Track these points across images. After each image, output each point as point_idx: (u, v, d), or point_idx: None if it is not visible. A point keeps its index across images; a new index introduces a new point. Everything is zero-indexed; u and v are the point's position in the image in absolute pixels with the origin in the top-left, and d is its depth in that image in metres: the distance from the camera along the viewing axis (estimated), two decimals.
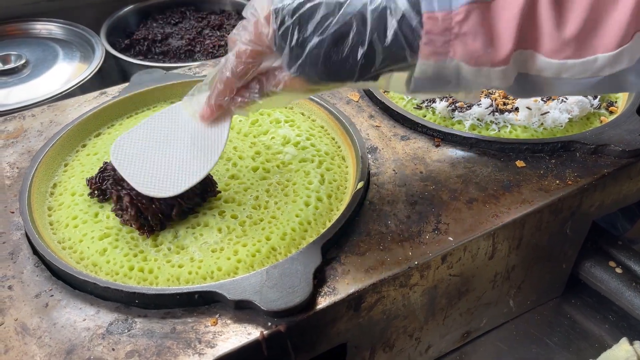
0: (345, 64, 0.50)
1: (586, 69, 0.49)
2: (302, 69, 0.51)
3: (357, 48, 0.49)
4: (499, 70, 0.49)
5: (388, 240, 0.61)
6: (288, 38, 0.50)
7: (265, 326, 0.53)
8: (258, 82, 0.55)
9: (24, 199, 0.65)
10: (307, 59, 0.50)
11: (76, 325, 0.54)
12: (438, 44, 0.48)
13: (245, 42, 0.53)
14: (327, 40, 0.49)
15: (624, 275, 0.80)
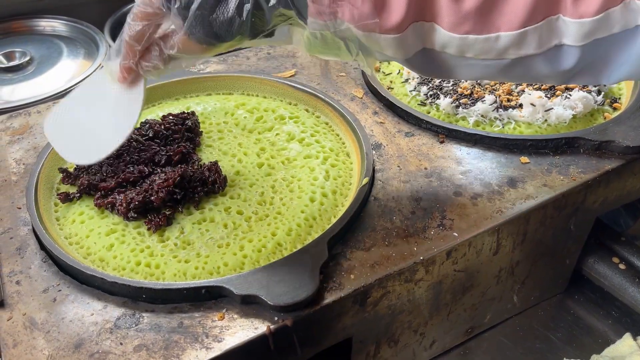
0: (232, 23, 0.48)
1: (490, 48, 0.47)
2: (191, 31, 0.49)
3: (243, 6, 0.47)
4: (390, 38, 0.47)
5: (393, 236, 0.62)
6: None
7: (272, 321, 0.53)
8: (157, 46, 0.54)
9: (30, 195, 0.66)
10: (193, 21, 0.49)
11: (84, 320, 0.54)
12: (325, 3, 0.46)
13: (138, 4, 0.52)
14: (208, 2, 0.47)
15: (627, 271, 0.80)
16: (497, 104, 0.79)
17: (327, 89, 0.85)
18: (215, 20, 0.48)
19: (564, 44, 0.46)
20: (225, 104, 0.83)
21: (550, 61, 0.48)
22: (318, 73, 0.89)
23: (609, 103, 0.82)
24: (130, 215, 0.63)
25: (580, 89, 0.80)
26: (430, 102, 0.82)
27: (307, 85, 0.83)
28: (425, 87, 0.84)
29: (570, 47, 0.46)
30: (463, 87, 0.82)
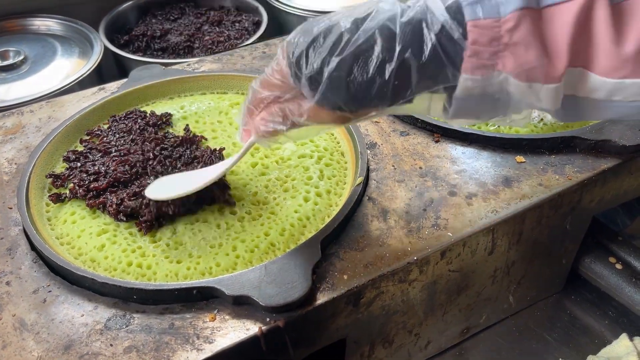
0: (371, 86, 0.43)
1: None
2: (324, 97, 0.45)
3: (385, 66, 0.43)
4: (552, 88, 0.43)
5: (387, 236, 0.61)
6: (303, 64, 0.45)
7: (264, 322, 0.53)
8: (280, 110, 0.50)
9: (22, 195, 0.65)
10: (327, 85, 0.44)
11: (74, 321, 0.54)
12: (485, 56, 0.42)
13: (266, 72, 0.50)
14: (347, 60, 0.43)
15: (624, 271, 0.80)
16: None
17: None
18: (352, 83, 0.44)
19: None
20: (219, 104, 0.82)
21: None
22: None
23: None
24: (119, 218, 0.62)
25: None
26: None
27: None
28: None
29: None
30: None
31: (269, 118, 0.50)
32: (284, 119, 0.50)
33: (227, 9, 1.36)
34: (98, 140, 0.75)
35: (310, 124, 0.49)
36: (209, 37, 1.22)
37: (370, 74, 0.43)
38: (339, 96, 0.45)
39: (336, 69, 0.43)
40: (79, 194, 0.65)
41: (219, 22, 1.29)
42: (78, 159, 0.72)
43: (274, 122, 0.50)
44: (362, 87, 0.44)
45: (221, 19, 1.30)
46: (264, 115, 0.51)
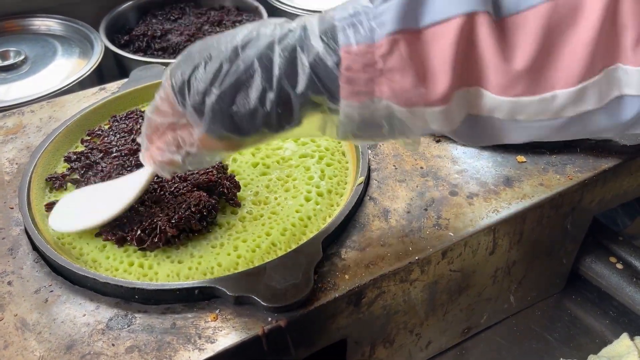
0: (255, 115, 0.43)
1: (544, 109, 0.41)
2: (210, 127, 0.44)
3: (265, 96, 0.42)
4: (436, 111, 0.42)
5: (388, 236, 0.61)
6: (186, 94, 0.44)
7: (266, 321, 0.53)
8: (174, 140, 0.49)
9: (23, 195, 0.65)
10: (210, 116, 0.44)
11: (76, 321, 0.54)
12: (360, 83, 0.41)
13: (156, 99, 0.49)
14: (227, 92, 0.42)
15: (625, 270, 0.80)
16: None
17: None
18: (235, 114, 0.43)
19: (624, 95, 0.41)
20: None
21: (611, 114, 0.42)
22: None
23: None
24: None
25: None
26: None
27: None
28: None
29: (632, 97, 0.41)
30: None
31: (164, 147, 0.50)
32: (178, 148, 0.49)
33: (227, 9, 1.36)
34: (99, 140, 0.75)
35: (203, 152, 0.48)
36: None
37: (252, 105, 0.42)
38: (223, 127, 0.44)
39: (217, 101, 0.43)
40: None
41: (219, 22, 1.29)
42: (79, 159, 0.72)
43: (169, 151, 0.50)
44: (245, 117, 0.43)
45: (221, 19, 1.30)
46: (159, 145, 0.51)
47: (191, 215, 0.61)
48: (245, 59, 0.42)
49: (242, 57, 0.42)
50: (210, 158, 0.50)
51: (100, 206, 0.61)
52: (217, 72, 0.42)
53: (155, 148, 0.52)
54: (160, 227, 0.59)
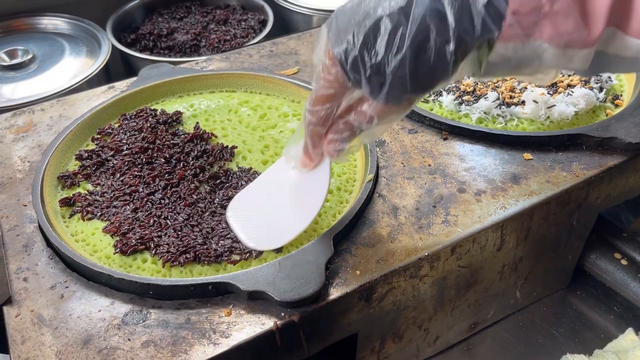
0: (435, 71, 0.44)
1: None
2: (391, 95, 0.45)
3: (444, 49, 0.42)
4: (586, 52, 0.44)
5: (398, 232, 0.62)
6: (360, 68, 0.44)
7: (279, 316, 0.54)
8: (345, 124, 0.50)
9: (36, 192, 0.66)
10: (392, 84, 0.44)
11: (92, 316, 0.55)
12: (525, 25, 0.42)
13: (316, 89, 0.49)
14: (407, 57, 0.43)
15: (629, 267, 0.81)
16: (500, 101, 0.79)
17: None
18: (415, 75, 0.43)
19: None
20: (228, 102, 0.83)
21: None
22: None
23: (610, 100, 0.82)
24: None
25: (583, 86, 0.80)
26: (433, 99, 0.82)
27: (310, 83, 0.83)
28: None
29: None
30: (466, 84, 0.82)
31: (337, 137, 0.51)
32: (352, 132, 0.50)
33: (232, 7, 1.37)
34: (110, 139, 0.76)
35: (379, 124, 0.48)
36: (215, 36, 1.23)
37: (432, 61, 0.43)
38: (404, 90, 0.45)
39: (399, 67, 0.43)
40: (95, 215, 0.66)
41: (225, 21, 1.30)
42: (90, 157, 0.73)
43: (342, 139, 0.50)
44: (426, 75, 0.44)
45: (227, 18, 1.30)
46: (330, 137, 0.51)
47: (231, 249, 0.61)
48: (416, 18, 0.42)
49: (413, 18, 0.42)
50: (385, 128, 0.50)
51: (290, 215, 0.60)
52: (391, 39, 0.43)
53: (327, 143, 0.52)
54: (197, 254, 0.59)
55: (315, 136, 0.52)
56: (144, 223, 0.63)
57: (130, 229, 0.62)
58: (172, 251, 0.59)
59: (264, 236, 0.59)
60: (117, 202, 0.66)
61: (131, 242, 0.61)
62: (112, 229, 0.63)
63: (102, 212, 0.65)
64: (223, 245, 0.60)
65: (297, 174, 0.59)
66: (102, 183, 0.69)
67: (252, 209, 0.61)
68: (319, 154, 0.54)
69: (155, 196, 0.66)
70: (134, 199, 0.66)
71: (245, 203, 0.62)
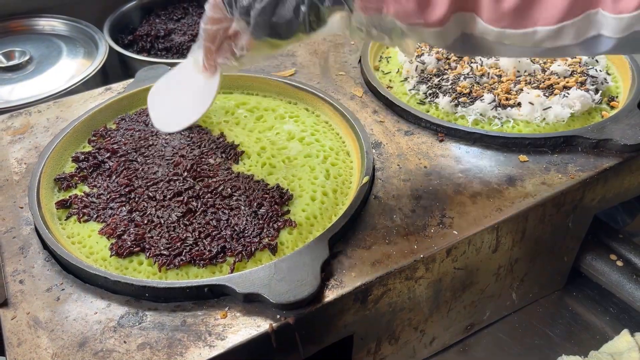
0: (291, 24, 0.53)
1: (526, 40, 0.50)
2: (256, 34, 0.55)
3: (299, 9, 0.52)
4: (432, 31, 0.50)
5: (394, 234, 0.62)
6: (233, 5, 0.55)
7: (274, 319, 0.54)
8: (228, 46, 0.62)
9: (33, 194, 0.66)
10: (254, 25, 0.54)
11: (88, 319, 0.55)
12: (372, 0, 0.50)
13: (207, 9, 0.60)
14: (267, 7, 0.52)
15: (625, 268, 0.81)
16: (496, 103, 0.79)
17: (326, 87, 0.86)
18: (275, 24, 0.53)
19: (601, 35, 0.48)
20: (225, 103, 0.83)
21: (586, 48, 0.50)
22: (318, 72, 0.90)
23: (606, 101, 0.82)
24: None
25: (578, 88, 0.81)
26: (430, 100, 0.82)
27: (306, 85, 0.84)
28: (425, 85, 0.84)
29: (608, 37, 0.48)
30: (462, 85, 0.82)
31: (222, 54, 0.64)
32: (232, 54, 0.62)
33: None
34: (104, 141, 0.76)
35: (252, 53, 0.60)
36: None
37: (288, 16, 0.52)
38: (265, 33, 0.55)
39: (259, 13, 0.53)
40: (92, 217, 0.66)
41: None
42: (87, 159, 0.73)
43: (226, 57, 0.63)
44: (284, 26, 0.53)
45: None
46: (219, 54, 0.64)
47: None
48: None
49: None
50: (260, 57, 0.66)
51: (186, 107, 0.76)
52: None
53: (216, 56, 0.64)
54: (192, 257, 0.60)
55: (207, 50, 0.65)
56: (139, 223, 0.63)
57: (125, 230, 0.63)
58: (166, 254, 0.59)
59: (168, 121, 0.76)
60: (113, 203, 0.66)
61: (126, 245, 0.61)
62: (107, 231, 0.63)
63: (98, 213, 0.65)
64: (216, 245, 0.60)
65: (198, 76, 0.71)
66: (99, 185, 0.69)
67: (164, 95, 0.78)
68: (212, 65, 0.67)
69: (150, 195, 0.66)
70: (130, 200, 0.66)
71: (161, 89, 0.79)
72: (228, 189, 0.67)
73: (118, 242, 0.61)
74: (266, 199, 0.65)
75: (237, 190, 0.67)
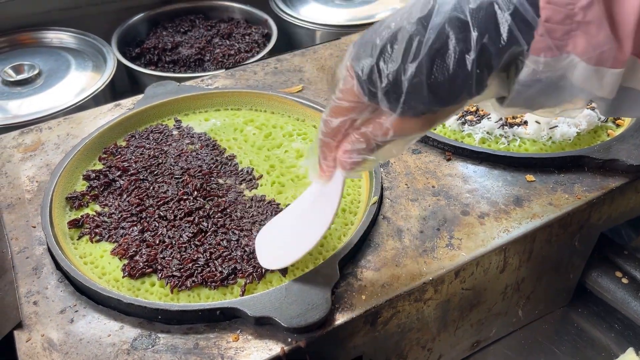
0: (455, 81, 0.42)
1: None
2: (408, 106, 0.44)
3: (464, 57, 0.41)
4: (617, 73, 0.41)
5: (402, 256, 0.63)
6: (376, 80, 0.44)
7: (286, 342, 0.55)
8: (360, 135, 0.48)
9: (45, 213, 0.67)
10: (408, 93, 0.43)
11: (101, 341, 0.55)
12: (557, 35, 0.40)
13: (333, 101, 0.48)
14: (424, 63, 0.42)
15: (630, 285, 0.81)
16: (503, 122, 0.80)
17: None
18: (434, 84, 0.42)
19: None
20: (233, 120, 0.84)
21: None
22: (325, 88, 0.90)
23: (612, 120, 0.83)
24: None
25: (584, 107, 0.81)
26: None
27: (314, 101, 0.84)
28: None
29: None
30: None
31: (351, 147, 0.50)
32: (368, 144, 0.49)
33: (236, 21, 1.38)
34: (116, 159, 0.77)
35: (395, 139, 0.48)
36: (219, 50, 1.24)
37: (451, 69, 0.42)
38: (422, 101, 0.44)
39: (415, 74, 0.42)
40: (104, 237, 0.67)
41: (229, 35, 1.31)
42: (98, 177, 0.73)
43: (357, 151, 0.49)
44: (445, 85, 0.43)
45: (231, 32, 1.31)
46: (345, 147, 0.50)
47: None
48: (435, 26, 0.41)
49: (431, 26, 0.42)
50: (404, 144, 0.50)
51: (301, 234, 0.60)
52: (408, 47, 0.42)
53: (342, 152, 0.51)
54: (204, 278, 0.60)
55: (325, 146, 0.52)
56: (151, 243, 0.64)
57: (137, 251, 0.63)
58: (178, 275, 0.60)
59: (276, 255, 0.60)
60: (125, 223, 0.67)
61: (139, 266, 0.61)
62: (120, 252, 0.63)
63: (110, 233, 0.66)
64: (227, 266, 0.61)
65: (314, 190, 0.59)
66: (110, 204, 0.70)
67: (276, 231, 0.62)
68: (331, 166, 0.54)
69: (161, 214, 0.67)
70: (142, 220, 0.67)
71: (273, 227, 0.63)
72: (238, 209, 0.68)
73: (130, 263, 0.62)
74: None
75: (248, 209, 0.68)
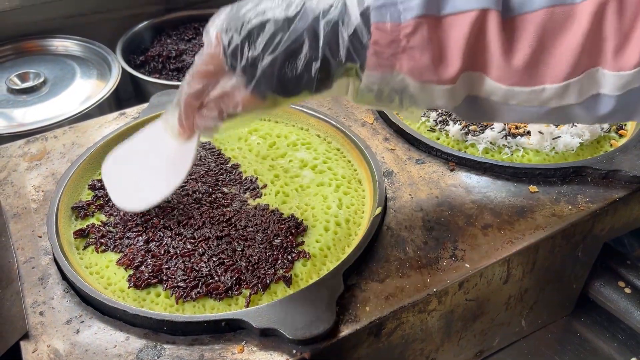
0: (300, 79, 0.49)
1: (533, 98, 0.50)
2: (258, 88, 0.51)
3: (311, 64, 0.49)
4: (444, 89, 0.49)
5: (407, 267, 0.63)
6: (238, 57, 0.50)
7: (290, 353, 0.55)
8: (215, 104, 0.55)
9: (51, 224, 0.67)
10: (261, 78, 0.50)
11: (107, 352, 0.56)
12: (384, 56, 0.48)
13: (199, 62, 0.54)
14: (279, 58, 0.49)
15: (633, 295, 0.82)
16: (506, 132, 0.80)
17: (337, 114, 0.87)
18: (283, 77, 0.49)
19: (601, 94, 0.49)
20: (237, 129, 0.84)
21: (588, 108, 0.51)
22: (328, 97, 0.91)
23: (615, 130, 0.83)
24: None
25: None
26: (440, 128, 0.83)
27: (317, 111, 0.85)
28: (435, 112, 0.85)
29: (607, 96, 0.49)
30: None
31: (207, 114, 0.56)
32: (220, 114, 0.55)
33: None
34: None
35: (242, 113, 0.54)
36: None
37: (299, 70, 0.49)
38: (270, 88, 0.50)
39: (269, 65, 0.49)
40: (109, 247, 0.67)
41: None
42: (103, 186, 0.74)
43: (212, 117, 0.56)
44: (292, 81, 0.50)
45: None
46: (202, 113, 0.56)
47: None
48: (296, 30, 0.48)
49: (293, 29, 0.48)
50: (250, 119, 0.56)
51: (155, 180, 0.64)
52: (270, 40, 0.49)
53: (198, 116, 0.57)
54: (208, 290, 0.61)
55: (188, 107, 0.57)
56: (156, 253, 0.64)
57: (142, 261, 0.64)
58: (183, 286, 0.61)
59: (132, 198, 0.65)
60: (130, 233, 0.67)
61: (144, 276, 0.62)
62: (125, 262, 0.64)
63: (115, 244, 0.67)
64: (231, 277, 0.61)
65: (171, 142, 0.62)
66: (115, 213, 0.70)
67: (125, 168, 0.66)
68: (191, 127, 0.59)
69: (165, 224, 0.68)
70: (147, 229, 0.67)
71: (119, 162, 0.67)
72: (242, 218, 0.68)
73: (136, 274, 0.62)
74: (282, 229, 0.67)
75: (252, 218, 0.68)
